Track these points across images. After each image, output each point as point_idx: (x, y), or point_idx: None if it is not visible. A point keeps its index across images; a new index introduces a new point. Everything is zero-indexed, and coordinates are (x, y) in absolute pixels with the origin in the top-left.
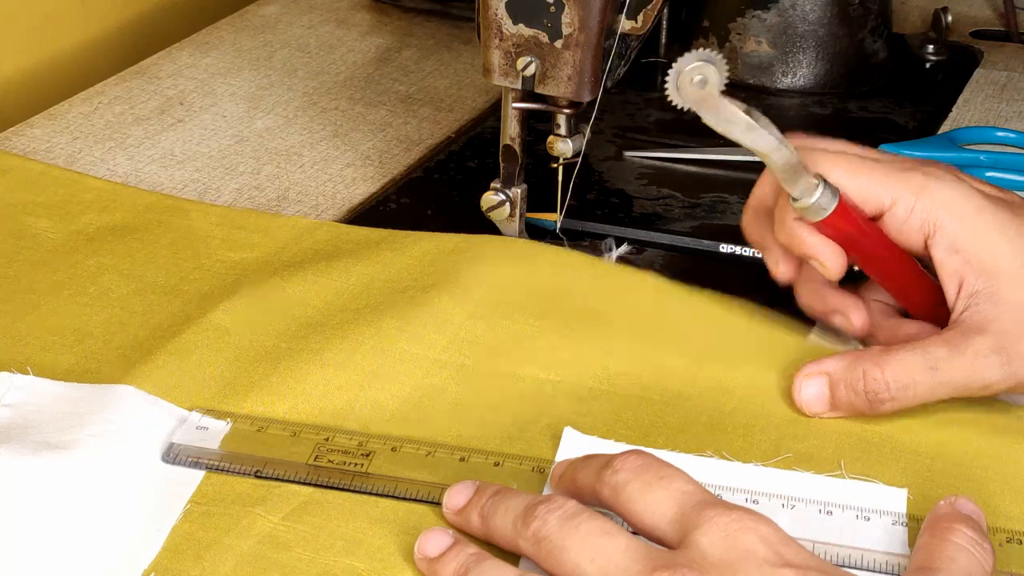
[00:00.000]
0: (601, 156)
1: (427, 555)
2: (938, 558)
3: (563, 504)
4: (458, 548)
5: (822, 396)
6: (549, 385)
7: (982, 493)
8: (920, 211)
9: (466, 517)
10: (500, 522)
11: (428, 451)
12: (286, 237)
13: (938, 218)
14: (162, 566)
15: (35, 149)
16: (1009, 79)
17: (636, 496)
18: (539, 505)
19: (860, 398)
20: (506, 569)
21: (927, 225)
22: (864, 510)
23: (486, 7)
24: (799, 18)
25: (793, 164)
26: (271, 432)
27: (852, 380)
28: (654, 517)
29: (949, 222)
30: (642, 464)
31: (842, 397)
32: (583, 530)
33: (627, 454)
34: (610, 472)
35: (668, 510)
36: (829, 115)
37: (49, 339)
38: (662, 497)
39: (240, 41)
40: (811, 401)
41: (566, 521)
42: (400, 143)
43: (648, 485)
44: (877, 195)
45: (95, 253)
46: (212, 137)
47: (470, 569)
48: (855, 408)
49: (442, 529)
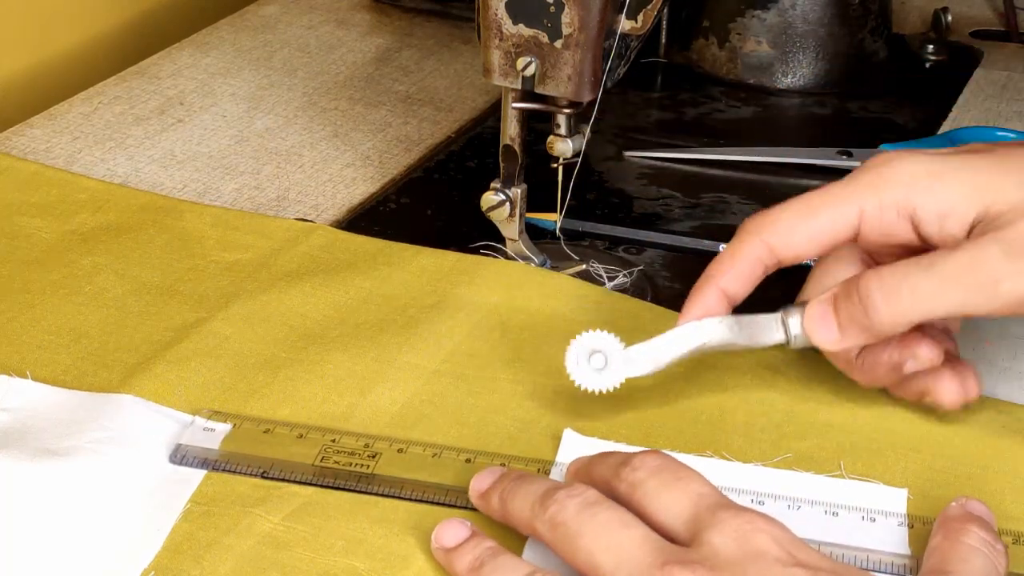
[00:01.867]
0: (601, 156)
1: (444, 545)
2: (952, 560)
3: (583, 492)
4: (475, 541)
5: (827, 317)
6: (549, 388)
7: (983, 493)
8: (890, 202)
9: (487, 500)
10: (519, 504)
11: (434, 453)
12: (281, 239)
13: (909, 199)
14: (162, 566)
15: (35, 149)
16: (1009, 79)
17: (652, 494)
18: (559, 490)
19: (857, 308)
20: (521, 565)
21: (904, 211)
22: (869, 511)
23: (486, 7)
24: (799, 18)
25: (744, 324)
26: (278, 433)
27: (849, 291)
28: (668, 516)
29: (922, 197)
30: (660, 464)
31: (844, 313)
32: (600, 519)
33: (646, 453)
34: (628, 469)
35: (683, 510)
36: (829, 115)
37: (45, 339)
38: (678, 497)
39: (240, 41)
40: (818, 327)
41: (585, 509)
42: (400, 143)
43: (665, 484)
44: (842, 220)
45: (90, 253)
46: (212, 137)
47: (485, 562)
48: (857, 322)
49: (460, 520)
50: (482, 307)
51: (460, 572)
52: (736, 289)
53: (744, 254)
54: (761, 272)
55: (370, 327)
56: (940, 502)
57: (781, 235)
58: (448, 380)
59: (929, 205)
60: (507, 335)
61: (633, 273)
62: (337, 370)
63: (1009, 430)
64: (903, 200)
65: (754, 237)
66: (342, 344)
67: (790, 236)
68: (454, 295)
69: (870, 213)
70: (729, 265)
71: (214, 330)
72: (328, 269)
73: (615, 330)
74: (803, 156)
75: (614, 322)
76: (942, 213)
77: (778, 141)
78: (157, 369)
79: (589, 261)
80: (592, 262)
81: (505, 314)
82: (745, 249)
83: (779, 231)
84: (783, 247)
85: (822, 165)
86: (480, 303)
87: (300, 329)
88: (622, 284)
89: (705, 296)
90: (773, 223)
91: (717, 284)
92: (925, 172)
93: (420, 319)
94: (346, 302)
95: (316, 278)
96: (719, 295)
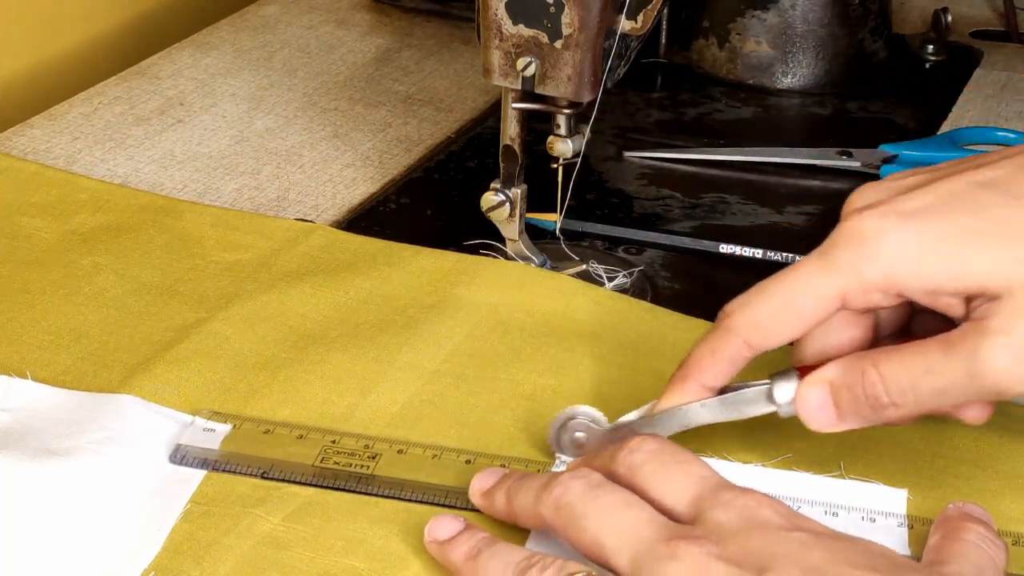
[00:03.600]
0: (601, 156)
1: (438, 538)
2: (949, 554)
3: (588, 474)
4: (470, 532)
5: (827, 407)
6: (549, 389)
7: (983, 493)
8: (872, 285)
9: (491, 497)
10: (523, 495)
11: (435, 454)
12: (281, 239)
13: (893, 282)
14: (162, 566)
15: (35, 149)
16: (1009, 79)
17: (651, 477)
18: (563, 474)
19: (862, 404)
20: (518, 549)
21: (889, 291)
22: (869, 511)
23: (486, 7)
24: (799, 18)
25: (730, 403)
26: (278, 434)
27: (852, 383)
28: (671, 497)
29: (907, 279)
30: (659, 447)
31: (846, 404)
32: (605, 500)
33: (643, 437)
34: (626, 452)
35: (686, 491)
36: (829, 115)
37: (45, 339)
38: (680, 479)
39: (240, 41)
40: (816, 413)
41: (589, 490)
42: (400, 143)
43: (666, 467)
44: (823, 306)
45: (90, 253)
46: (212, 137)
47: (482, 551)
48: (862, 415)
49: (452, 515)
50: (482, 307)
51: (456, 562)
52: (717, 383)
53: (725, 353)
54: (742, 364)
55: (370, 327)
56: (940, 502)
57: (761, 334)
58: (448, 380)
59: (914, 285)
60: (507, 335)
61: (633, 273)
62: (337, 370)
63: (1009, 430)
64: (886, 283)
65: (734, 337)
66: (342, 344)
67: (771, 333)
68: (454, 295)
69: (853, 293)
70: (709, 363)
71: (214, 330)
72: (328, 269)
73: (615, 330)
74: (803, 156)
75: (615, 322)
76: (930, 291)
77: (778, 141)
78: (157, 369)
79: (589, 261)
80: (592, 262)
81: (505, 314)
82: (725, 348)
83: (760, 330)
84: (764, 342)
85: (822, 165)
86: (480, 303)
87: (300, 329)
88: (622, 284)
89: (686, 390)
90: (752, 323)
91: (697, 381)
92: (911, 253)
93: (420, 319)
94: (346, 302)
95: (316, 278)
96: (699, 389)
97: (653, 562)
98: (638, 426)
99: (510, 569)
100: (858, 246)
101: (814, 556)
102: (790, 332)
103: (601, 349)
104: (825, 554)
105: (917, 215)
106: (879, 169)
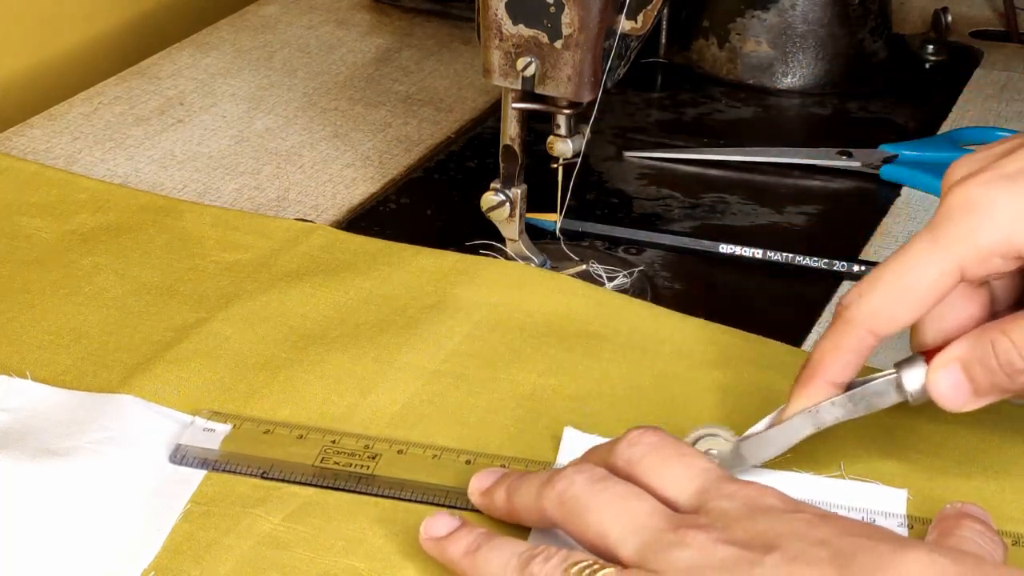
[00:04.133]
0: (601, 156)
1: (434, 535)
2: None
3: (590, 468)
4: (468, 528)
5: (961, 385)
6: (548, 389)
7: (982, 493)
8: (989, 250)
9: (491, 496)
10: (524, 492)
11: (434, 454)
12: (281, 239)
13: (1012, 243)
14: (162, 566)
15: (35, 149)
16: (1009, 79)
17: (652, 470)
18: (565, 468)
19: (998, 374)
20: (517, 542)
21: (1009, 254)
22: (869, 512)
23: (486, 7)
24: (799, 18)
25: (859, 398)
26: (278, 434)
27: (983, 355)
28: (673, 490)
29: (1023, 230)
30: (659, 440)
31: (981, 378)
32: (609, 493)
33: (643, 430)
34: (625, 445)
35: (689, 483)
36: (829, 115)
37: (45, 339)
38: (681, 472)
39: (240, 41)
40: (950, 394)
41: (593, 483)
42: (400, 143)
43: (667, 459)
44: (942, 282)
45: (90, 253)
46: (212, 137)
47: (481, 545)
48: (999, 386)
49: (449, 513)
50: (482, 307)
51: (455, 557)
52: (844, 378)
53: (848, 346)
54: (868, 354)
55: (370, 327)
56: (940, 502)
57: (883, 320)
58: (448, 380)
59: None
60: (507, 335)
61: (633, 273)
62: (337, 370)
63: (1009, 430)
64: (1005, 245)
65: (856, 328)
66: (342, 344)
67: (892, 318)
68: (454, 295)
69: (971, 263)
70: (834, 357)
71: (214, 330)
72: (328, 269)
73: (615, 330)
74: (803, 156)
75: (615, 322)
76: None
77: (778, 141)
78: (157, 369)
79: (589, 261)
80: (592, 262)
81: (505, 314)
82: (849, 341)
83: (881, 317)
84: (887, 328)
85: (822, 165)
86: (480, 303)
87: (300, 329)
88: (622, 284)
89: (814, 390)
90: (873, 311)
91: (824, 378)
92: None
93: (420, 319)
94: (346, 302)
95: (316, 278)
96: (827, 387)
97: (660, 550)
98: (770, 434)
99: (513, 560)
100: (969, 214)
101: (820, 531)
102: (912, 314)
103: (601, 349)
104: (831, 529)
105: (1022, 175)
106: (879, 169)
